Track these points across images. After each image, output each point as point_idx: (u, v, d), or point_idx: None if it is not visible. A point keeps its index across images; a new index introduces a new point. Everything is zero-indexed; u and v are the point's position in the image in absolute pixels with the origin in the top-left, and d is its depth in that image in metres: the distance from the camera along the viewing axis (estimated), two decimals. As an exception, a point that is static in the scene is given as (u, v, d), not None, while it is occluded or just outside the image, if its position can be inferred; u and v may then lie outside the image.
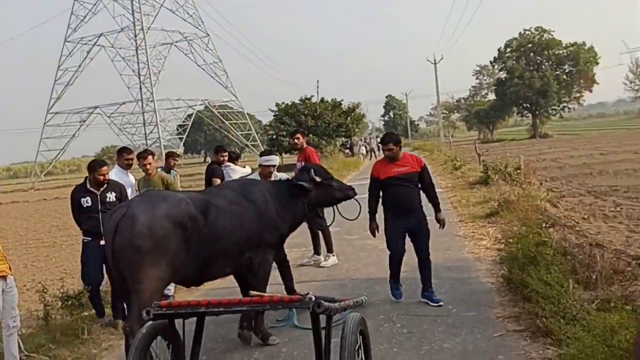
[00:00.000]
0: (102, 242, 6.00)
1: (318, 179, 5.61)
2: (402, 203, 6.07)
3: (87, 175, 6.37)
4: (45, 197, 38.40)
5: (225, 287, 7.19)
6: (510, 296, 5.85)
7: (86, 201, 6.21)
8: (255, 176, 6.70)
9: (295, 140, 8.54)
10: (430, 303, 5.99)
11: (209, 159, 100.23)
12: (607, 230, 10.54)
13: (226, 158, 9.14)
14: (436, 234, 9.60)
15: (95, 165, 6.29)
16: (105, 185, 6.31)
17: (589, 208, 13.38)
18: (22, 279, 10.64)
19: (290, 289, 6.41)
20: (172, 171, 8.43)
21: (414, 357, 4.63)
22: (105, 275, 6.29)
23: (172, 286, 6.83)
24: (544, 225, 7.17)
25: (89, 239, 6.26)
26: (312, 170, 5.69)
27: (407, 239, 6.22)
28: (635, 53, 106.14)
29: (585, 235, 8.90)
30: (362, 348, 3.55)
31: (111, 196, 6.31)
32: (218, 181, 8.78)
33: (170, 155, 8.67)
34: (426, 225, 6.15)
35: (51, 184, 60.25)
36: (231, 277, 5.41)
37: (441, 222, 6.26)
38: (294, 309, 5.80)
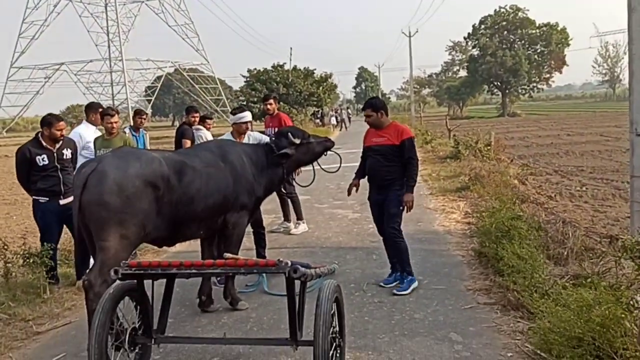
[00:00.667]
0: (62, 202, 5.81)
1: (297, 141, 5.52)
2: (372, 176, 5.69)
3: (40, 131, 5.94)
4: (7, 153, 37.19)
5: (195, 250, 7.07)
6: (481, 269, 5.87)
7: (42, 159, 5.81)
8: (228, 136, 6.52)
9: (268, 106, 8.36)
10: (385, 285, 5.66)
11: (177, 123, 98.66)
12: (572, 209, 10.70)
13: (197, 119, 8.92)
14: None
15: (52, 120, 5.85)
16: (61, 142, 5.96)
17: (556, 187, 13.57)
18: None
19: (260, 255, 6.32)
20: (141, 130, 8.18)
21: (385, 326, 4.60)
22: (69, 235, 6.09)
23: None
24: (515, 200, 7.18)
25: (46, 199, 5.88)
26: (289, 133, 5.57)
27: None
28: (605, 37, 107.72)
29: (553, 213, 9.02)
30: (336, 315, 3.49)
31: (67, 153, 6.01)
32: (188, 143, 8.57)
33: (137, 114, 8.36)
34: (396, 201, 5.49)
35: (13, 140, 58.34)
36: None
37: (406, 204, 5.46)
38: (264, 275, 5.74)
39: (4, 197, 16.37)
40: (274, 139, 5.86)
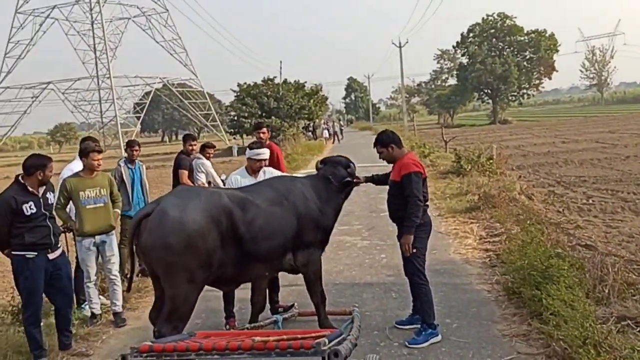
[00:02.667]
0: (52, 256, 5.08)
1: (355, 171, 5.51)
2: (388, 211, 5.40)
3: (22, 174, 5.00)
4: (-5, 175, 36.60)
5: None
6: (513, 309, 5.41)
7: (30, 207, 4.87)
8: (243, 171, 6.04)
9: (261, 135, 7.74)
10: (400, 326, 5.35)
11: (166, 138, 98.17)
12: (584, 225, 10.34)
13: (195, 147, 8.48)
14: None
15: (46, 162, 5.01)
16: (45, 185, 5.10)
17: (562, 200, 13.24)
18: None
19: (273, 300, 5.87)
20: (136, 162, 7.70)
21: (421, 386, 4.14)
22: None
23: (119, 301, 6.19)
24: (544, 231, 6.75)
25: (34, 254, 4.93)
26: (350, 164, 5.51)
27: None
28: (590, 41, 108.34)
29: (569, 234, 8.63)
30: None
31: (51, 197, 5.16)
32: (185, 174, 8.14)
33: (130, 145, 7.78)
34: (405, 243, 5.03)
35: (1, 161, 57.70)
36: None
37: (401, 247, 5.07)
38: (279, 317, 5.48)
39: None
40: (326, 167, 5.50)
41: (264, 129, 7.85)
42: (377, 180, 5.68)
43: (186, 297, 4.13)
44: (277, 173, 6.14)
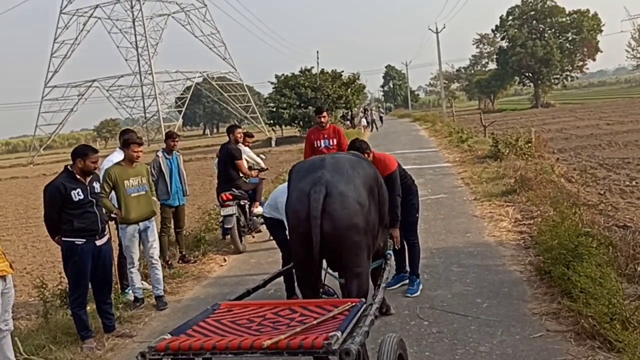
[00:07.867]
0: (99, 242, 5.31)
1: None
2: None
3: (72, 163, 5.27)
4: (45, 172, 37.69)
5: (237, 274, 6.79)
6: (544, 289, 5.42)
7: (77, 193, 5.12)
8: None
9: (322, 119, 8.09)
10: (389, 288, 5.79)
11: (207, 132, 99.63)
12: (626, 207, 10.13)
13: (242, 136, 9.16)
14: (452, 216, 9.26)
15: (87, 151, 5.27)
16: (92, 175, 5.38)
17: (604, 182, 12.98)
18: (22, 261, 10.26)
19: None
20: (174, 152, 7.96)
21: (449, 363, 4.22)
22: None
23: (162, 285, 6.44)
24: (575, 210, 6.69)
25: (82, 240, 5.16)
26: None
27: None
28: (637, 20, 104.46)
29: (609, 215, 8.49)
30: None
31: (97, 186, 5.42)
32: (245, 164, 8.85)
33: (170, 137, 8.07)
34: (412, 210, 5.88)
35: (50, 158, 59.49)
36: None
37: (395, 240, 5.37)
38: None
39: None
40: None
41: (324, 113, 8.19)
42: None
43: (368, 274, 4.16)
44: None
